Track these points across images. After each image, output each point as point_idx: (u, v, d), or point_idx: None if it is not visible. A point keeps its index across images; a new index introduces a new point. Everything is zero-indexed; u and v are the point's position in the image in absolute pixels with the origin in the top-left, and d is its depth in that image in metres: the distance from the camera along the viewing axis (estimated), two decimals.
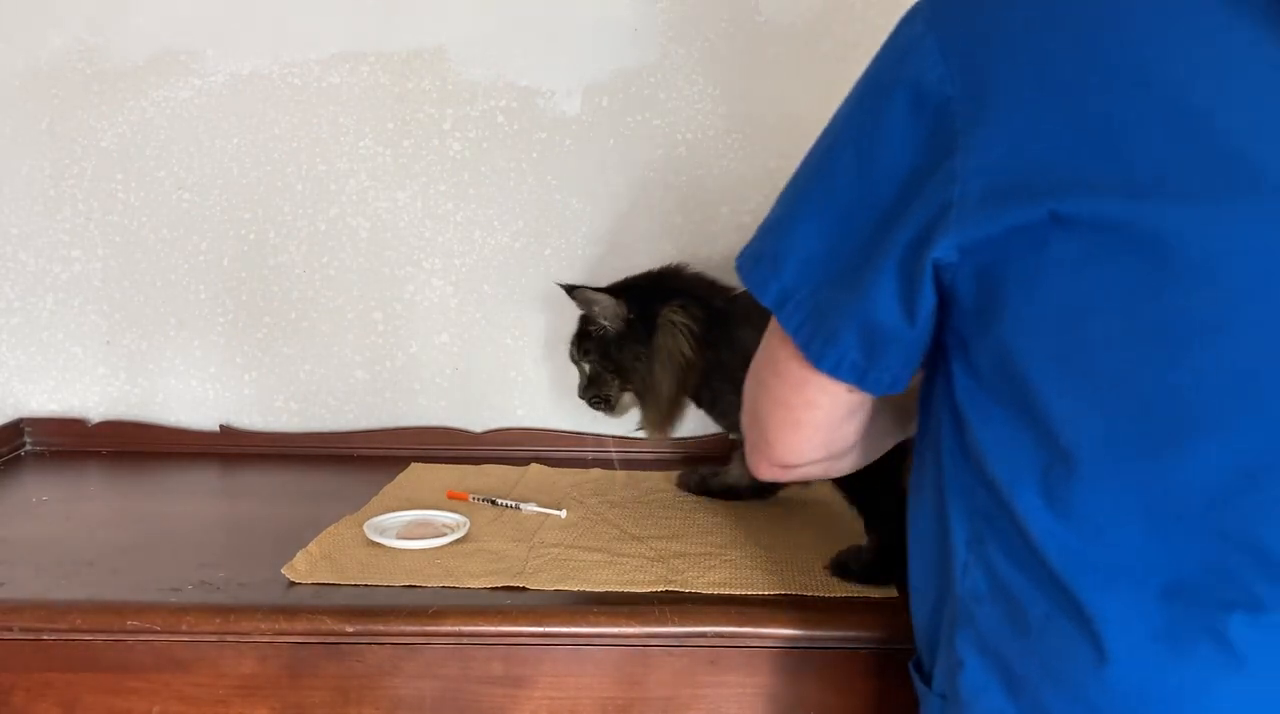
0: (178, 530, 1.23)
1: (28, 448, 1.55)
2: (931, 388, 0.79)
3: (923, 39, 0.69)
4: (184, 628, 1.00)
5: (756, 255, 0.78)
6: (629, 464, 1.43)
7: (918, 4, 0.72)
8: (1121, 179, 0.64)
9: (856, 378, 0.75)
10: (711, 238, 1.50)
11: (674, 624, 0.99)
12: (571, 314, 1.35)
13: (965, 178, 0.67)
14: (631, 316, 1.28)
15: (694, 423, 1.45)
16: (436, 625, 0.99)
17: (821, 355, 0.75)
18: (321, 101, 1.49)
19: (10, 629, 1.01)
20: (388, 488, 1.36)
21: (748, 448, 0.86)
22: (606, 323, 1.29)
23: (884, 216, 0.71)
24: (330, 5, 1.47)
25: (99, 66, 1.49)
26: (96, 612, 1.01)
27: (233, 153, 1.51)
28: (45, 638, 1.01)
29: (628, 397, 1.32)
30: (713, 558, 1.11)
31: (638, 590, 1.04)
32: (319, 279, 1.53)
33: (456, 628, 0.99)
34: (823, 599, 1.02)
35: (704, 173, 1.49)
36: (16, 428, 1.54)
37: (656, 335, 1.27)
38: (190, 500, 1.36)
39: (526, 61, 1.48)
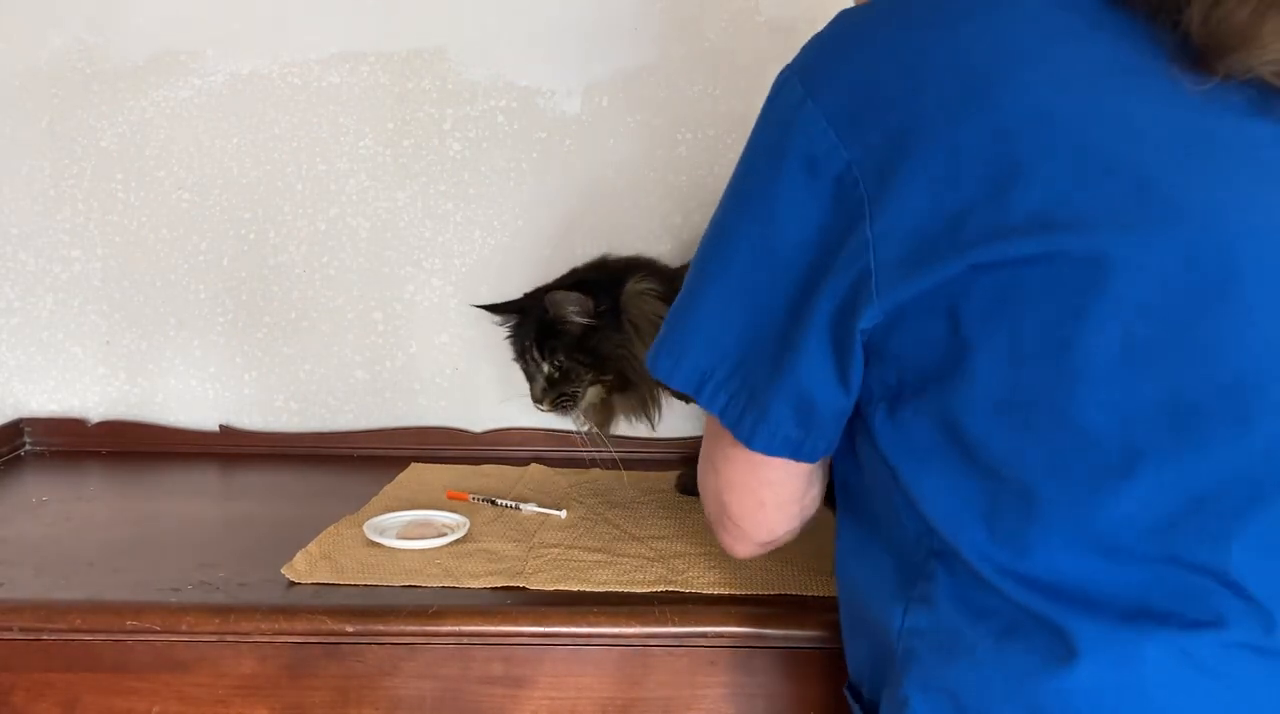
0: (178, 530, 1.23)
1: (28, 448, 1.55)
2: (850, 442, 0.77)
3: (803, 105, 0.69)
4: (184, 628, 1.00)
5: (661, 345, 0.76)
6: (630, 464, 1.43)
7: (789, 66, 0.71)
8: (1038, 219, 0.63)
9: (791, 451, 0.74)
10: None
11: (674, 624, 0.99)
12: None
13: (879, 244, 0.66)
14: (602, 308, 1.27)
15: (694, 423, 1.45)
16: (436, 625, 0.99)
17: (753, 435, 0.74)
18: (321, 101, 1.49)
19: (10, 629, 1.01)
20: (388, 488, 1.36)
21: (720, 531, 0.85)
22: (578, 319, 1.28)
23: (800, 288, 0.70)
24: (330, 5, 1.47)
25: (99, 66, 1.49)
26: (96, 612, 1.01)
27: (233, 153, 1.51)
28: (45, 638, 1.01)
29: (592, 392, 1.31)
30: (713, 558, 1.11)
31: (638, 590, 1.04)
32: (319, 279, 1.53)
33: (456, 628, 0.99)
34: (823, 599, 1.02)
35: (704, 173, 1.49)
36: (16, 428, 1.54)
37: (627, 312, 1.27)
38: (190, 500, 1.36)
39: (526, 61, 1.48)
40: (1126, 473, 0.64)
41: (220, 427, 1.55)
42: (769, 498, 0.79)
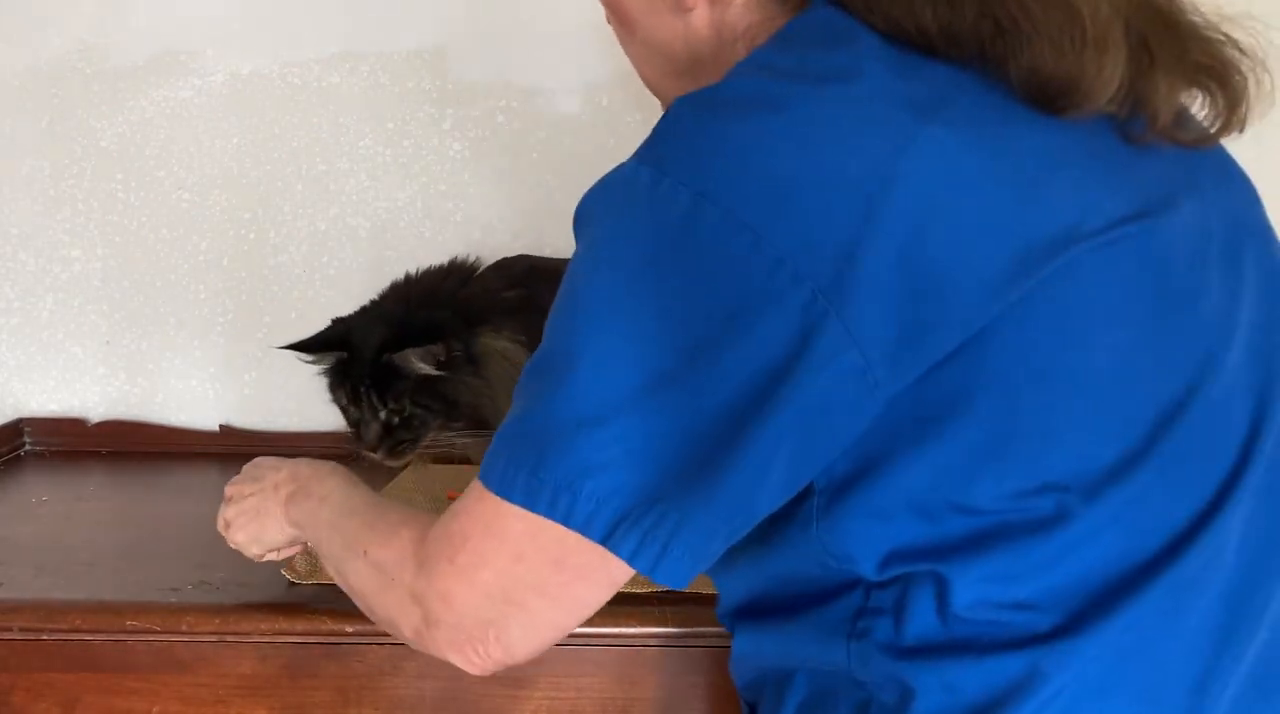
0: (178, 530, 1.23)
1: (28, 448, 1.55)
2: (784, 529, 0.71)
3: (704, 209, 0.62)
4: (184, 628, 1.00)
5: (537, 473, 0.65)
6: None
7: (667, 171, 0.64)
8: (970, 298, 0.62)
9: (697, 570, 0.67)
10: None
11: (674, 624, 0.99)
12: None
13: (861, 340, 0.61)
14: (456, 353, 1.13)
15: None
16: None
17: (660, 565, 0.65)
18: (321, 101, 1.49)
19: (10, 629, 1.01)
20: (388, 488, 1.36)
21: (467, 647, 0.71)
22: (427, 369, 1.12)
23: (742, 411, 0.62)
24: (330, 5, 1.47)
25: (99, 66, 1.49)
26: (96, 612, 1.01)
27: (233, 153, 1.51)
28: (45, 638, 1.01)
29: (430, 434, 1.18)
30: None
31: (638, 590, 1.04)
32: (319, 279, 1.53)
33: None
34: None
35: None
36: (16, 428, 1.54)
37: (486, 367, 1.14)
38: (190, 500, 1.36)
39: (526, 61, 1.47)
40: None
41: (220, 427, 1.55)
42: (584, 615, 0.71)
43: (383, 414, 1.14)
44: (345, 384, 1.15)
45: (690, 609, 1.00)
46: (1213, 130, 0.71)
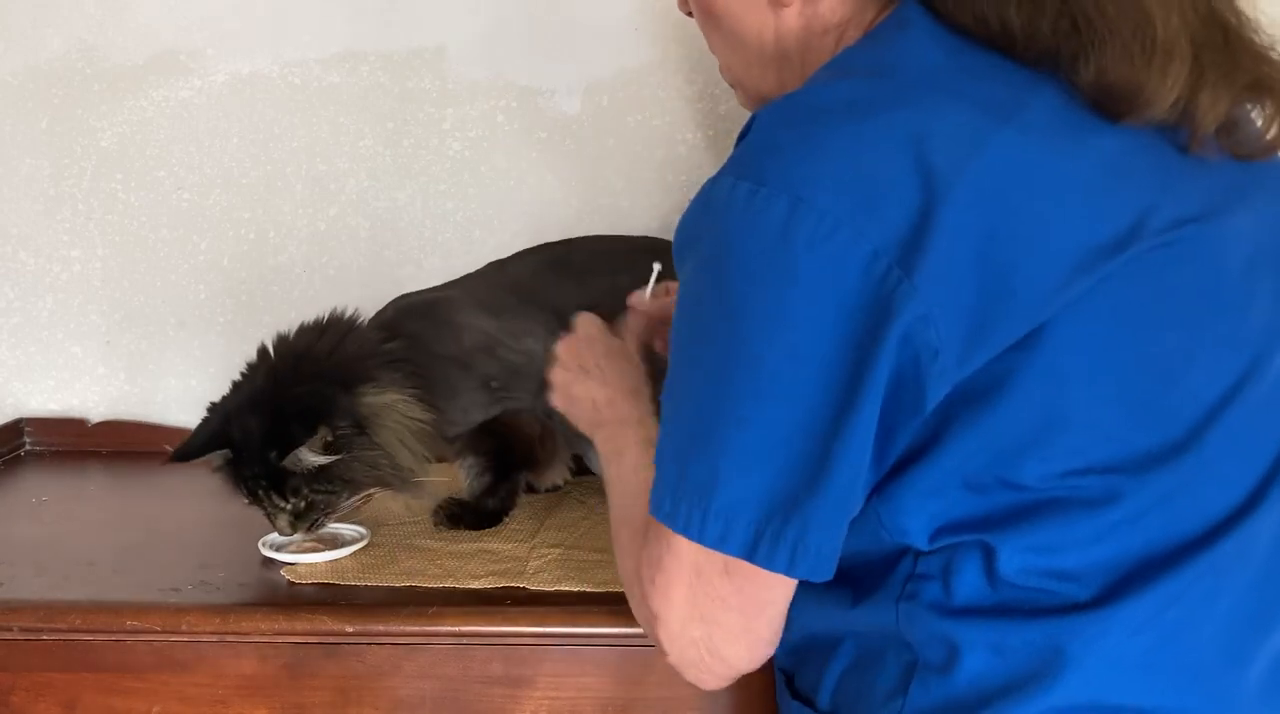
0: (178, 530, 1.23)
1: (28, 448, 1.55)
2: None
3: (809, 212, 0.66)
4: (184, 628, 1.00)
5: (680, 501, 0.70)
6: None
7: (765, 179, 0.67)
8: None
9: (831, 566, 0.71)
10: None
11: None
12: None
13: (939, 329, 0.65)
14: (342, 430, 1.08)
15: None
16: (436, 625, 0.99)
17: (796, 563, 0.69)
18: (321, 101, 1.49)
19: (10, 629, 1.01)
20: None
21: (700, 673, 0.77)
22: (320, 460, 1.07)
23: (836, 407, 0.67)
24: (330, 5, 1.47)
25: (99, 66, 1.49)
26: (96, 612, 1.01)
27: (233, 153, 1.51)
28: (45, 638, 1.02)
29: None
30: None
31: None
32: (319, 279, 1.53)
33: (456, 628, 0.99)
34: None
35: (704, 173, 1.49)
36: (16, 428, 1.54)
37: (375, 428, 1.10)
38: (190, 500, 1.36)
39: (526, 61, 1.47)
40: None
41: None
42: (770, 619, 0.75)
43: (288, 507, 1.10)
44: (241, 485, 1.10)
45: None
46: (1265, 143, 0.74)
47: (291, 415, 1.07)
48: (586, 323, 1.00)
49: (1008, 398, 0.67)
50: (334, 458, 1.07)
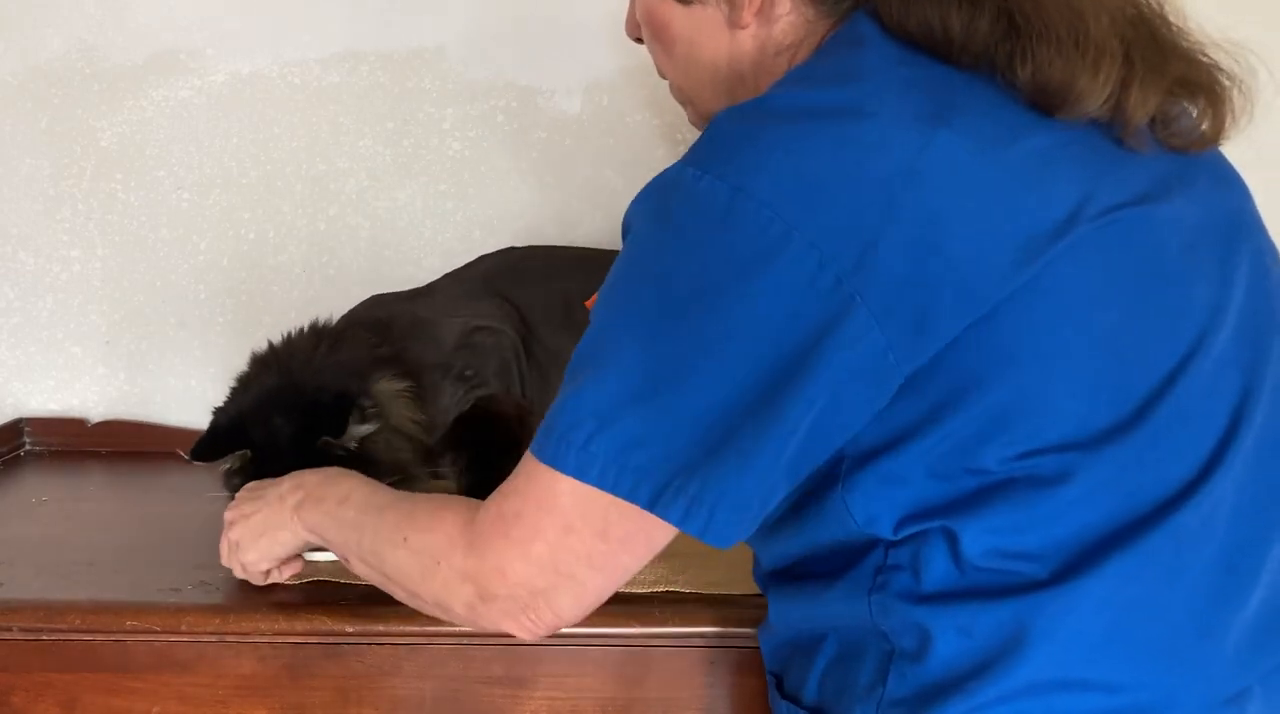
0: (178, 530, 1.23)
1: (27, 448, 1.55)
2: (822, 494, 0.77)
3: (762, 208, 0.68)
4: (184, 628, 1.00)
5: (589, 449, 0.71)
6: None
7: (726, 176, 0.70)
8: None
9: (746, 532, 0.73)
10: None
11: (674, 624, 0.99)
12: None
13: (883, 322, 0.67)
14: (371, 410, 1.10)
15: None
16: (436, 625, 0.99)
17: (710, 525, 0.71)
18: (321, 101, 1.49)
19: (10, 629, 1.01)
20: None
21: (522, 613, 0.77)
22: (366, 430, 1.10)
23: (772, 386, 0.69)
24: (330, 5, 1.47)
25: (99, 66, 1.49)
26: (96, 612, 1.01)
27: (233, 153, 1.51)
28: (45, 638, 1.02)
29: None
30: (712, 558, 1.11)
31: (638, 590, 1.04)
32: (319, 279, 1.53)
33: (456, 628, 0.99)
34: None
35: None
36: (16, 428, 1.54)
37: (390, 414, 1.12)
38: (190, 500, 1.36)
39: (526, 61, 1.47)
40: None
41: None
42: (624, 580, 0.77)
43: None
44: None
45: (690, 609, 1.00)
46: (1199, 137, 0.78)
47: (327, 402, 1.09)
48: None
49: (966, 387, 0.70)
50: (376, 426, 1.10)
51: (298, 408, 1.10)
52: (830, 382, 0.68)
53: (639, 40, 0.94)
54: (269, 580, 1.02)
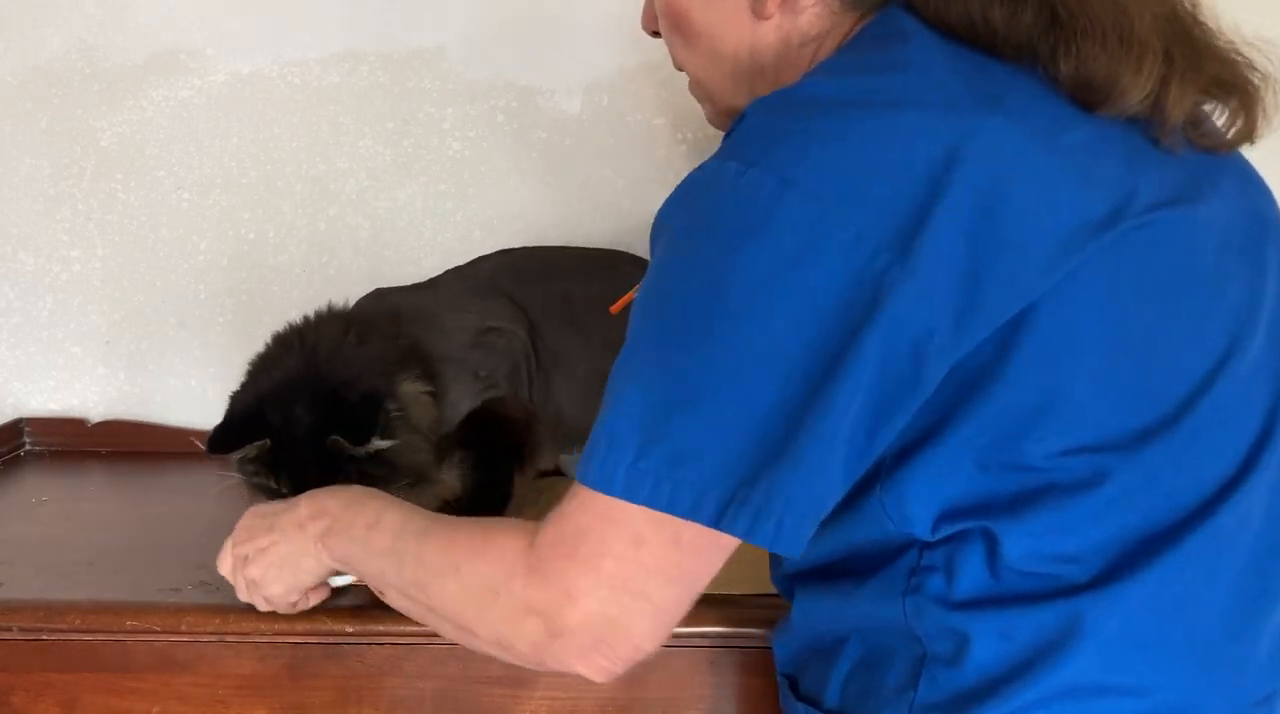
0: (178, 530, 1.23)
1: (27, 448, 1.55)
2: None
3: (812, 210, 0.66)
4: (184, 628, 1.00)
5: (642, 468, 0.67)
6: None
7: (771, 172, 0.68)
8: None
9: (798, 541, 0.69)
10: None
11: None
12: None
13: (932, 309, 0.66)
14: (395, 414, 1.07)
15: None
16: None
17: (779, 535, 0.68)
18: (321, 101, 1.49)
19: (10, 629, 1.01)
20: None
21: (595, 656, 0.71)
22: (385, 445, 1.07)
23: (814, 382, 0.66)
24: (330, 5, 1.47)
25: (99, 66, 1.49)
26: (96, 612, 1.01)
27: (233, 153, 1.51)
28: (45, 638, 1.01)
29: None
30: None
31: None
32: (319, 279, 1.53)
33: None
34: None
35: None
36: (16, 428, 1.54)
37: (413, 415, 1.10)
38: (190, 500, 1.36)
39: (526, 61, 1.47)
40: None
41: None
42: (700, 591, 0.72)
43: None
44: (282, 474, 1.06)
45: (692, 609, 1.00)
46: (1228, 138, 0.77)
47: (355, 400, 1.05)
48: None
49: (1005, 378, 0.69)
50: (394, 442, 1.05)
51: (322, 400, 1.05)
52: (877, 373, 0.66)
53: (655, 34, 0.92)
54: (298, 609, 0.97)
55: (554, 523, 0.71)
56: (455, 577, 0.76)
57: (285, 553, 0.92)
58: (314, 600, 0.98)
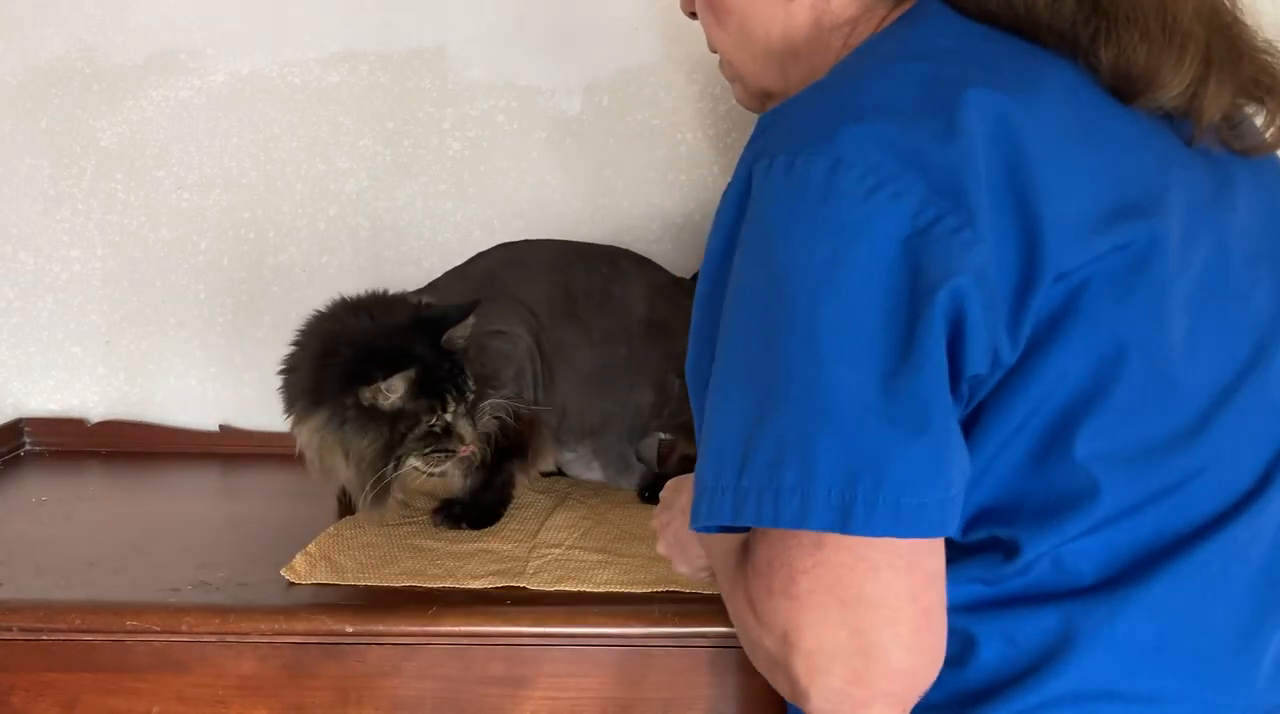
0: (178, 530, 1.23)
1: (27, 448, 1.55)
2: None
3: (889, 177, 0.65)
4: (183, 628, 1.00)
5: (769, 487, 0.64)
6: None
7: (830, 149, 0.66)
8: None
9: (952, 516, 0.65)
10: None
11: (674, 624, 0.99)
12: None
13: (994, 275, 0.65)
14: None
15: None
16: (436, 625, 0.99)
17: (920, 519, 0.63)
18: (321, 101, 1.49)
19: (10, 629, 1.01)
20: None
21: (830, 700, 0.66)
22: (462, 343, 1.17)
23: (898, 357, 0.64)
24: (330, 5, 1.47)
25: (99, 66, 1.49)
26: (96, 612, 1.01)
27: (233, 153, 1.51)
28: (45, 638, 1.02)
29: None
30: None
31: (638, 590, 1.04)
32: (319, 279, 1.53)
33: (456, 628, 0.99)
34: None
35: (705, 172, 1.49)
36: (16, 428, 1.54)
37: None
38: (190, 500, 1.36)
39: (526, 61, 1.47)
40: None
41: (220, 427, 1.55)
42: (936, 604, 0.66)
43: (470, 397, 1.15)
44: (449, 388, 1.13)
45: (690, 609, 1.00)
46: (1263, 140, 0.76)
47: (455, 314, 1.16)
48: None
49: (1041, 377, 0.67)
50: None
51: (426, 326, 1.14)
52: (949, 334, 0.64)
53: (693, 15, 0.92)
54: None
55: (749, 560, 0.68)
56: (740, 622, 0.73)
57: (676, 535, 0.92)
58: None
